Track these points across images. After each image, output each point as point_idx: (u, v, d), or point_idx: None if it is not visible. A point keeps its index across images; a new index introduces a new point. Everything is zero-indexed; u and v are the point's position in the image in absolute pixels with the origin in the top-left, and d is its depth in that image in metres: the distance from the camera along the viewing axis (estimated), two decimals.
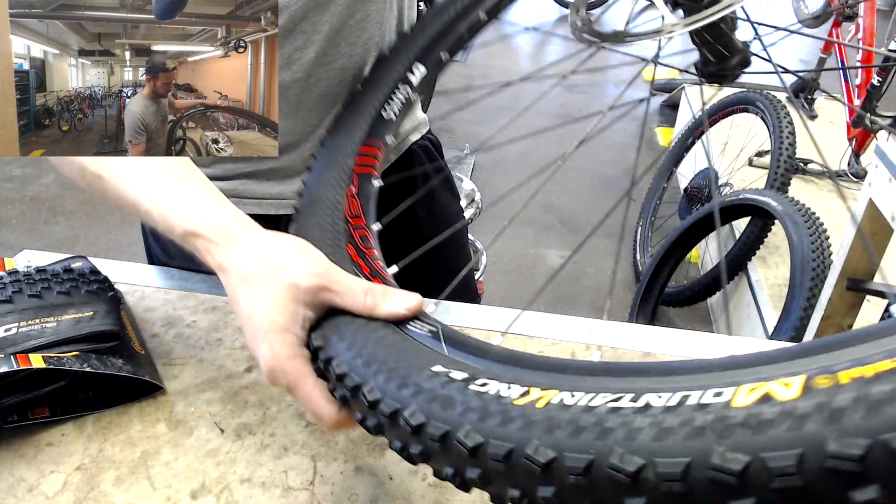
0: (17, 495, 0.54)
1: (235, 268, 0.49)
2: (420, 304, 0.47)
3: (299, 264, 0.47)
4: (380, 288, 0.47)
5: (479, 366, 0.39)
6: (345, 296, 0.47)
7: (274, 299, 0.46)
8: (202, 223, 0.51)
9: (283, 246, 0.50)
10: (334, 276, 0.47)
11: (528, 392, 0.33)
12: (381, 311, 0.46)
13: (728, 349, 0.71)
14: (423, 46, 0.75)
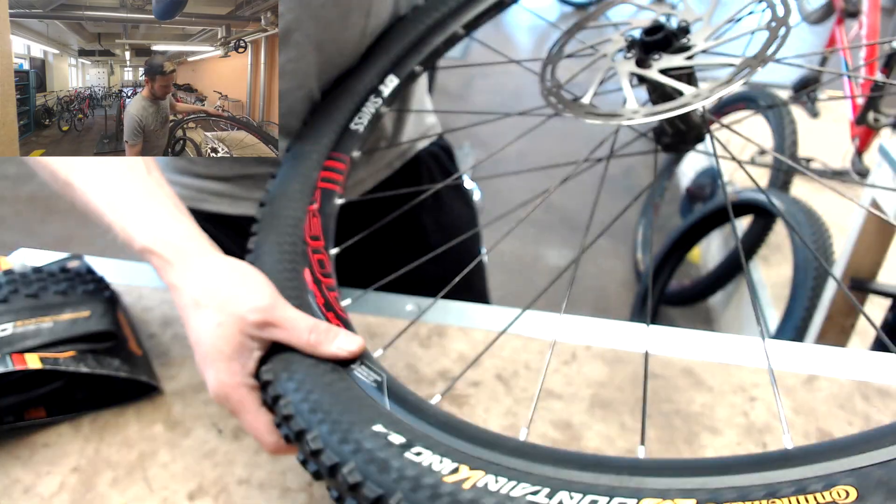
0: (13, 497, 0.54)
1: (187, 290, 0.50)
2: (362, 347, 0.48)
3: (247, 297, 0.48)
4: (324, 326, 0.48)
5: (416, 428, 0.41)
6: (289, 332, 0.47)
7: (221, 329, 0.47)
8: (158, 240, 0.52)
9: (234, 275, 0.50)
10: (279, 312, 0.48)
11: (457, 469, 0.36)
12: (322, 350, 0.47)
13: (728, 349, 0.71)
14: (397, 57, 0.74)
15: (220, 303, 0.48)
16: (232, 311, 0.47)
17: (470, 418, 0.62)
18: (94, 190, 0.56)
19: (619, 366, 0.69)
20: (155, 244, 0.52)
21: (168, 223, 0.54)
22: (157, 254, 0.52)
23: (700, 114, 0.55)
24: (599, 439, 0.60)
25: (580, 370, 0.68)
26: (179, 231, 0.54)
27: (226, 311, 0.47)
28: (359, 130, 0.70)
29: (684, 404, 0.64)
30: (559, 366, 0.69)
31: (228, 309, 0.48)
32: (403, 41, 0.74)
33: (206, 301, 0.48)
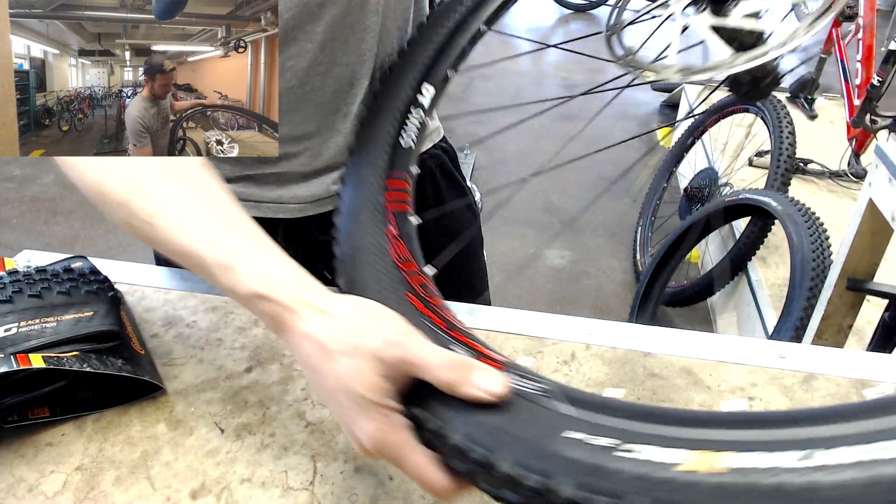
0: (17, 495, 0.54)
1: (313, 339, 0.45)
2: (506, 390, 0.41)
3: (378, 335, 0.44)
4: (459, 362, 0.43)
5: (613, 426, 0.36)
6: (425, 370, 0.43)
7: (359, 374, 0.43)
8: (272, 284, 0.47)
9: (360, 314, 0.46)
10: (413, 346, 0.43)
11: (686, 456, 0.32)
12: (461, 391, 0.41)
13: (727, 349, 0.71)
14: (428, 65, 0.72)
15: (351, 346, 0.44)
16: (366, 352, 0.43)
17: None
18: (187, 229, 0.50)
19: (619, 365, 0.69)
20: (270, 290, 0.47)
21: (276, 263, 0.49)
22: (274, 300, 0.46)
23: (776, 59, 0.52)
24: None
25: (580, 370, 0.69)
26: (291, 272, 0.49)
27: (359, 354, 0.43)
28: (410, 146, 0.68)
29: (683, 403, 0.64)
30: (559, 366, 0.69)
31: (362, 351, 0.43)
32: (429, 48, 0.73)
33: (336, 346, 0.44)
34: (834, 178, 2.48)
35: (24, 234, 2.83)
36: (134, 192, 0.52)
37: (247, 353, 0.70)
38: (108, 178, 0.53)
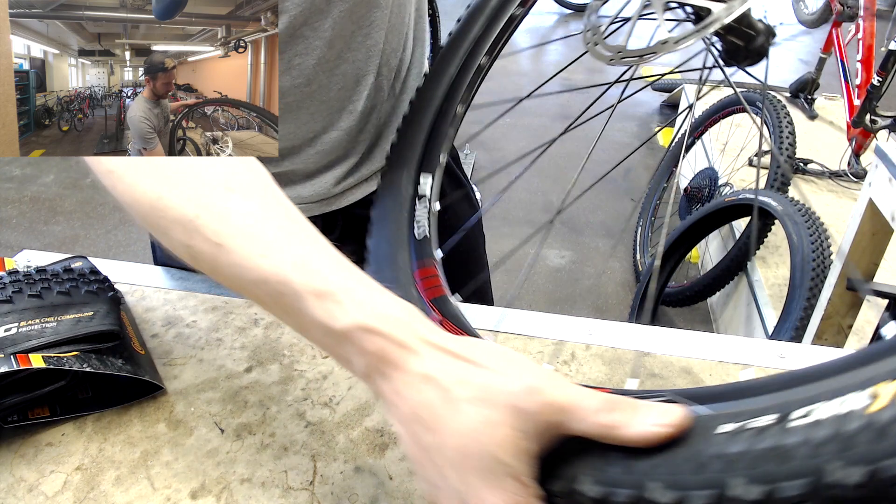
0: (17, 495, 0.54)
1: (432, 382, 0.37)
2: (685, 419, 0.33)
3: (516, 378, 0.36)
4: (621, 400, 0.35)
5: (760, 403, 0.32)
6: (576, 415, 0.35)
7: (492, 428, 0.34)
8: (382, 317, 0.39)
9: (491, 354, 0.38)
10: (560, 390, 0.35)
11: (875, 395, 0.27)
12: (625, 433, 0.34)
13: (726, 349, 0.71)
14: (421, 155, 0.74)
15: (483, 392, 0.35)
16: (502, 401, 0.35)
17: None
18: (269, 249, 0.42)
19: (619, 365, 0.69)
20: (378, 321, 0.39)
21: (381, 293, 0.41)
22: (384, 334, 0.38)
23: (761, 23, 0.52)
24: None
25: (580, 370, 0.69)
26: (400, 303, 0.41)
27: (491, 403, 0.35)
28: (425, 235, 0.68)
29: None
30: (559, 366, 0.69)
31: (497, 399, 0.35)
32: (418, 140, 0.74)
33: (463, 393, 0.36)
34: (834, 178, 2.48)
35: (24, 234, 2.83)
36: (201, 207, 0.44)
37: (247, 353, 0.70)
38: (166, 189, 0.45)
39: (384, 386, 0.39)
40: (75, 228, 2.86)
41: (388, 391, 0.39)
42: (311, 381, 0.66)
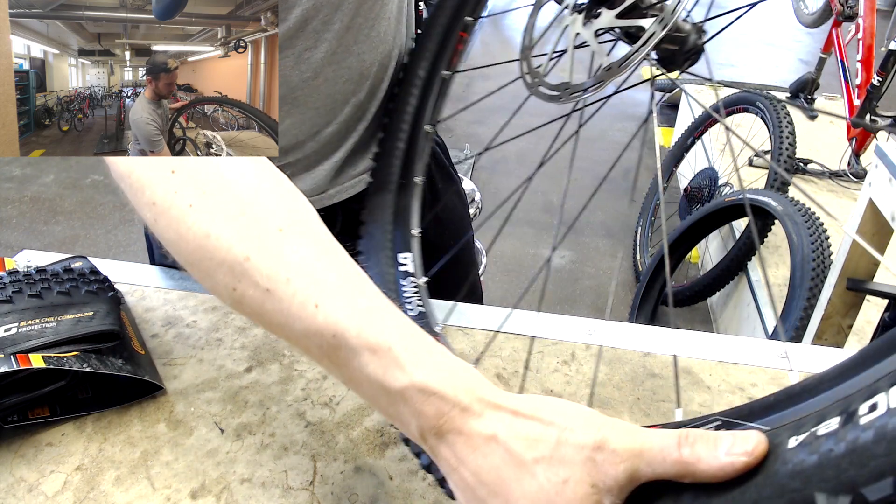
0: (17, 495, 0.54)
1: (499, 444, 0.35)
2: (764, 446, 0.31)
3: (585, 432, 0.34)
4: (697, 434, 0.33)
5: (815, 407, 0.31)
6: (653, 457, 0.33)
7: (570, 486, 0.33)
8: (441, 379, 0.37)
9: (553, 409, 0.36)
10: (631, 435, 0.34)
11: None
12: (704, 467, 0.32)
13: (726, 349, 0.71)
14: (391, 239, 0.75)
15: (551, 451, 0.34)
16: (575, 458, 0.33)
17: None
18: (323, 298, 0.39)
19: (618, 365, 0.69)
20: (437, 381, 0.37)
21: (438, 351, 0.39)
22: (442, 395, 0.37)
23: (691, 26, 0.53)
24: None
25: (579, 369, 0.69)
26: (457, 362, 0.39)
27: (566, 462, 0.33)
28: (420, 311, 0.70)
29: (683, 403, 0.64)
30: (559, 365, 0.69)
31: (569, 457, 0.34)
32: (386, 225, 0.77)
33: (533, 453, 0.34)
34: (834, 178, 2.48)
35: (24, 234, 2.83)
36: (252, 249, 0.41)
37: (247, 353, 0.70)
38: (215, 227, 0.42)
39: (443, 449, 0.37)
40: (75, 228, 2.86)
41: (447, 455, 0.37)
42: (311, 381, 0.66)
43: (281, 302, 0.40)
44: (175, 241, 0.43)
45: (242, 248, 0.41)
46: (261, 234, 0.41)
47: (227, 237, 0.41)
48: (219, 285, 0.42)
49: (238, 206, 0.42)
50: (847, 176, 2.45)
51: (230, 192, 0.43)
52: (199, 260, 0.43)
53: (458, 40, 0.75)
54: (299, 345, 0.41)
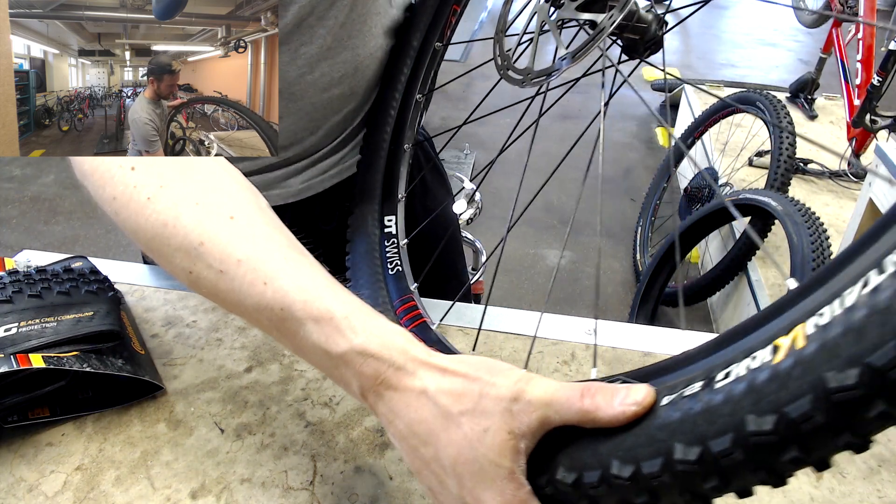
0: (17, 495, 0.54)
1: (429, 399, 0.39)
2: (653, 395, 0.35)
3: (502, 386, 0.38)
4: (597, 386, 0.37)
5: (691, 373, 0.35)
6: (560, 406, 0.37)
7: (490, 435, 0.37)
8: (378, 341, 0.41)
9: (479, 367, 0.40)
10: (541, 387, 0.38)
11: (776, 347, 0.30)
12: (603, 415, 0.36)
13: None
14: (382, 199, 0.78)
15: (475, 404, 0.38)
16: (496, 409, 0.38)
17: None
18: (274, 273, 0.44)
19: (618, 365, 0.69)
20: (374, 345, 0.41)
21: (377, 319, 0.44)
22: (379, 356, 0.41)
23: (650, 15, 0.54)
24: None
25: (579, 369, 0.69)
26: (394, 328, 0.43)
27: (486, 412, 0.38)
28: (398, 270, 0.71)
29: None
30: (559, 365, 0.69)
31: (490, 409, 0.38)
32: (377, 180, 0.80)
33: (458, 407, 0.38)
34: (834, 178, 2.48)
35: (24, 234, 2.83)
36: (205, 235, 0.45)
37: (247, 353, 0.70)
38: (171, 217, 0.46)
39: (380, 405, 0.42)
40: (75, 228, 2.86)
41: (384, 410, 0.42)
42: (311, 381, 0.66)
43: (233, 281, 0.44)
44: (135, 231, 0.48)
45: (197, 235, 0.45)
46: (214, 222, 0.46)
47: (183, 225, 0.46)
48: (177, 268, 0.47)
49: (193, 197, 0.47)
50: (847, 176, 2.45)
51: (186, 185, 0.48)
52: (157, 246, 0.47)
53: (450, 13, 0.78)
54: (252, 319, 0.46)
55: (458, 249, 1.08)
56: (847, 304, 0.28)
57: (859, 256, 0.30)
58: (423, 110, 0.81)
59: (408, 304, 0.68)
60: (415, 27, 0.79)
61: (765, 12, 5.41)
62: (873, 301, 0.26)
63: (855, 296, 0.27)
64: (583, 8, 0.53)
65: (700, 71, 4.35)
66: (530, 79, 0.55)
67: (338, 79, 0.75)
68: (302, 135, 0.78)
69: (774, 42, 5.25)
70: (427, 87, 0.80)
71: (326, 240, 0.86)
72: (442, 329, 0.74)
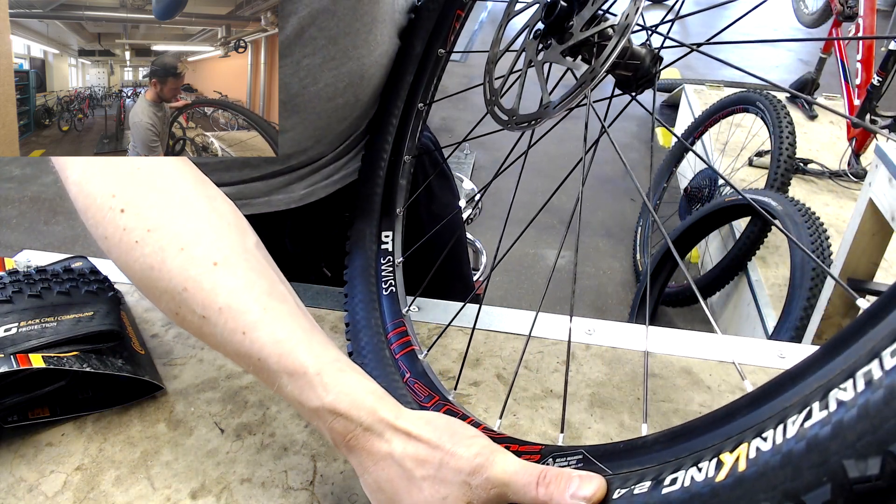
0: (17, 495, 0.54)
1: (395, 462, 0.42)
2: (603, 489, 0.37)
3: (463, 458, 0.41)
4: (553, 473, 0.40)
5: (644, 464, 0.36)
6: (516, 489, 0.40)
7: (449, 503, 0.41)
8: (349, 402, 0.44)
9: (443, 434, 0.43)
10: (500, 466, 0.40)
11: (720, 464, 0.31)
12: (559, 501, 0.38)
13: (726, 349, 0.71)
14: (380, 215, 0.77)
15: (435, 471, 0.41)
16: (453, 479, 0.40)
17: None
18: (251, 325, 0.46)
19: (618, 365, 0.69)
20: (346, 405, 0.43)
21: (352, 376, 0.45)
22: (350, 417, 0.43)
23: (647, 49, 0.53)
24: (598, 438, 0.61)
25: (579, 370, 0.69)
26: (367, 386, 0.45)
27: (446, 481, 0.41)
28: (392, 290, 0.71)
29: (683, 403, 0.64)
30: (559, 365, 0.69)
31: (448, 477, 0.41)
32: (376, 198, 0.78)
33: (420, 472, 0.41)
34: (834, 178, 2.48)
35: (24, 234, 2.83)
36: (188, 281, 0.47)
37: None
38: (157, 262, 0.48)
39: (352, 458, 0.45)
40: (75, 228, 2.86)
41: (355, 462, 0.45)
42: None
43: (215, 327, 0.47)
44: (124, 269, 0.50)
45: (181, 280, 0.47)
46: (197, 268, 0.47)
47: (168, 270, 0.47)
48: (165, 308, 0.50)
49: (179, 242, 0.48)
50: (847, 176, 2.45)
51: (173, 229, 0.49)
52: (145, 287, 0.50)
53: (454, 18, 0.76)
54: (234, 361, 0.48)
55: (464, 253, 1.08)
56: (789, 433, 0.28)
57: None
58: (424, 119, 0.80)
59: (399, 328, 0.66)
60: (418, 32, 0.78)
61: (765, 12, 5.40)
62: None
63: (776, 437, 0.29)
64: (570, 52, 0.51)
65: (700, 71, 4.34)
66: (514, 122, 0.54)
67: (342, 88, 0.74)
68: (306, 144, 0.77)
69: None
70: (430, 96, 0.79)
71: (329, 245, 0.86)
72: (440, 327, 0.74)
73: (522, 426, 0.62)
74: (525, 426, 0.62)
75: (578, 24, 0.50)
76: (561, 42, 0.52)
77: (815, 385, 0.28)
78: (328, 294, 0.80)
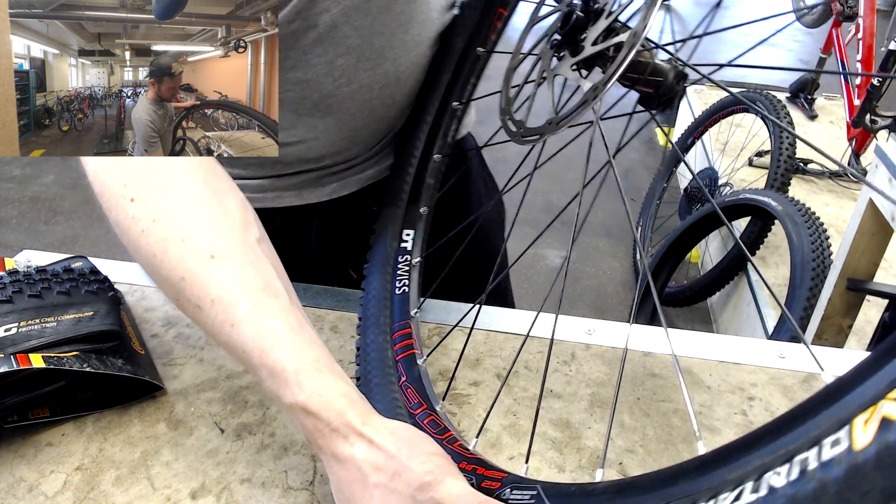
0: (17, 495, 0.54)
1: (353, 465, 0.45)
2: None
3: (415, 473, 0.43)
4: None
5: None
6: None
7: None
8: (320, 402, 0.46)
9: (402, 446, 0.45)
10: (447, 488, 0.43)
11: None
12: None
13: (726, 349, 0.71)
14: (405, 212, 0.75)
15: (388, 480, 0.43)
16: (402, 491, 0.43)
17: (470, 418, 0.63)
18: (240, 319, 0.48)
19: (618, 365, 0.69)
20: (316, 405, 0.46)
21: (327, 377, 0.47)
22: (319, 417, 0.45)
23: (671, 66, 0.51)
24: (598, 438, 0.61)
25: (579, 370, 0.69)
26: (340, 388, 0.47)
27: (395, 491, 0.43)
28: (405, 292, 0.69)
29: (683, 403, 0.64)
30: (559, 365, 0.69)
31: (398, 489, 0.43)
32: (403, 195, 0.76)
33: (374, 479, 0.44)
34: (834, 178, 2.48)
35: (24, 233, 2.83)
36: (186, 272, 0.50)
37: None
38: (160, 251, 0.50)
39: (321, 456, 0.47)
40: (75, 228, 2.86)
41: (324, 461, 0.47)
42: None
43: (207, 317, 0.49)
44: (134, 254, 0.53)
45: (180, 271, 0.50)
46: (195, 260, 0.50)
47: (169, 260, 0.50)
48: (166, 293, 0.53)
49: (181, 233, 0.51)
50: (847, 176, 2.45)
51: (177, 220, 0.51)
52: (150, 273, 0.52)
53: (495, 16, 0.74)
54: (225, 351, 0.51)
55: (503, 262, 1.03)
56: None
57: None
58: (458, 119, 0.78)
59: (404, 330, 0.66)
60: (458, 30, 0.76)
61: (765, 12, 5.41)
62: None
63: None
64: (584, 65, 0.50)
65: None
66: (521, 135, 0.54)
67: (378, 89, 0.73)
68: (341, 145, 0.76)
69: (774, 42, 5.24)
70: (466, 96, 0.76)
71: (355, 247, 0.83)
72: (443, 330, 0.74)
73: (522, 426, 0.62)
74: (525, 426, 0.61)
75: (591, 36, 0.49)
76: (574, 54, 0.51)
77: (757, 462, 0.28)
78: (328, 294, 0.80)
